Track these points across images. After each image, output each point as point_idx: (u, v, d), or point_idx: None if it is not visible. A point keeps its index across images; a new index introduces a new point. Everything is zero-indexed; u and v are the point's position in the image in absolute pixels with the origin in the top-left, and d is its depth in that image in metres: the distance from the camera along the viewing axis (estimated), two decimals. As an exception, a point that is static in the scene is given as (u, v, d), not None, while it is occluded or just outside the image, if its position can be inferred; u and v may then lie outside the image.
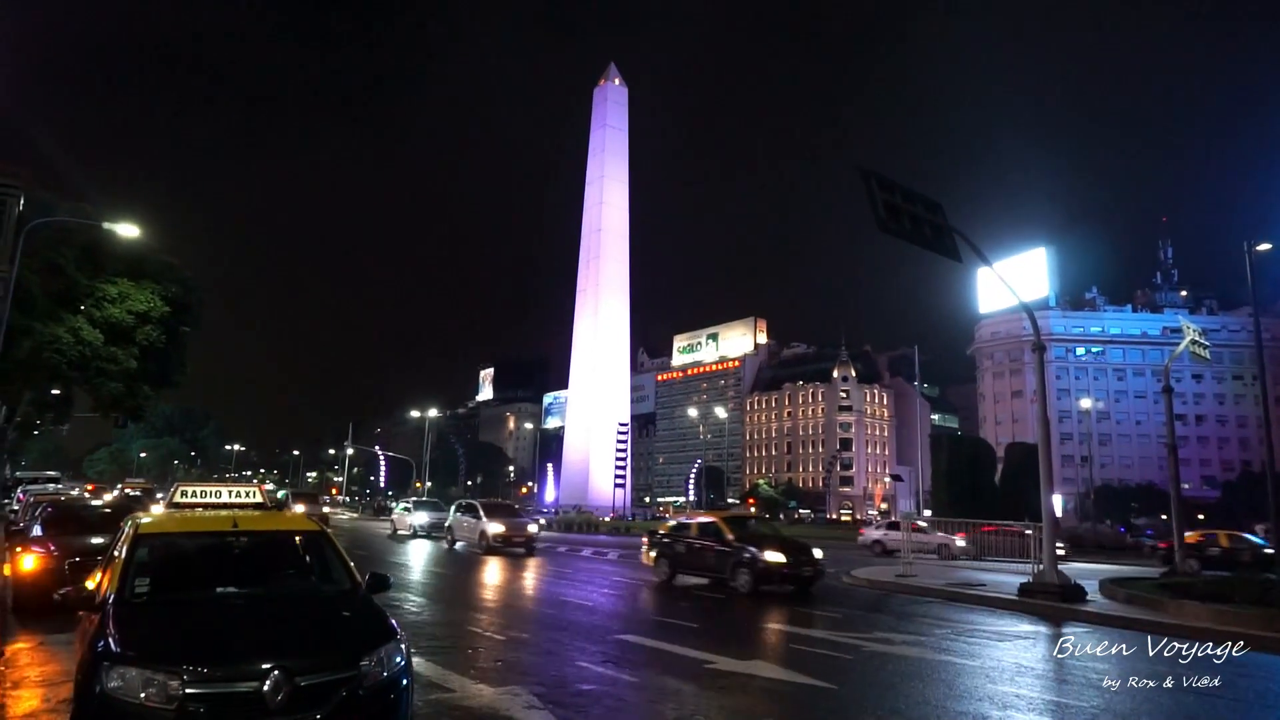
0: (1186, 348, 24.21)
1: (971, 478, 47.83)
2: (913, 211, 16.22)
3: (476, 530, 29.16)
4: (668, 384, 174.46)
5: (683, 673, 9.21)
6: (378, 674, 5.15)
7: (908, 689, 9.09)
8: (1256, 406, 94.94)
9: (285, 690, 4.70)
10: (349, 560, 6.68)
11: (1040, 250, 26.58)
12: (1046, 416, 18.21)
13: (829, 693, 8.57)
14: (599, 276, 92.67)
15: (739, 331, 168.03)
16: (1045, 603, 15.82)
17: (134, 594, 5.65)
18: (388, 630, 5.56)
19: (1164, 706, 8.58)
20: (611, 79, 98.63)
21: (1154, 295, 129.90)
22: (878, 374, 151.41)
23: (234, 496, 7.83)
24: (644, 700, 8.20)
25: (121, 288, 32.77)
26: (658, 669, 9.45)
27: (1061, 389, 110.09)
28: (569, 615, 14.33)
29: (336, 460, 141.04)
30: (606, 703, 7.91)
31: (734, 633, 12.57)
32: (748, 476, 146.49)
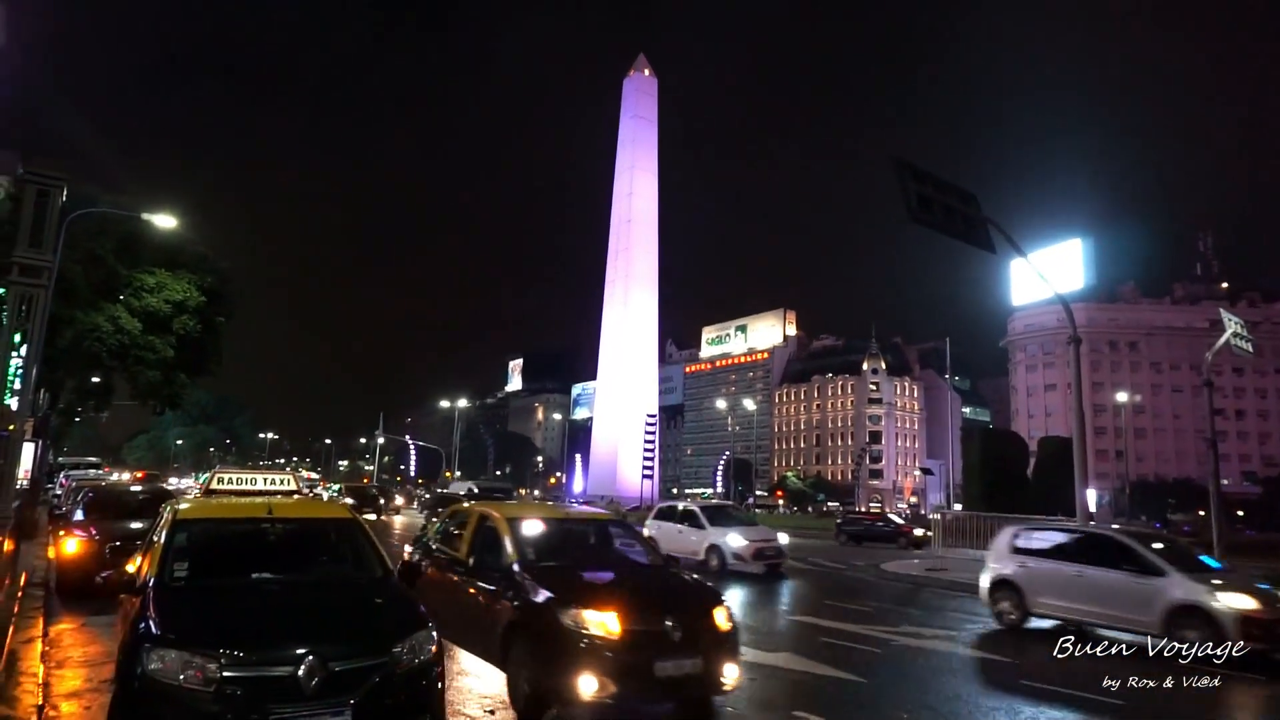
0: (1228, 339, 23.70)
1: (1003, 471, 47.13)
2: (945, 202, 16.03)
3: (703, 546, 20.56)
4: (696, 375, 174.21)
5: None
6: (409, 661, 5.22)
7: (938, 683, 9.04)
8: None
9: (319, 675, 4.78)
10: (381, 548, 6.77)
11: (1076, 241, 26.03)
12: (1081, 410, 17.95)
13: (858, 686, 8.55)
14: (628, 267, 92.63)
15: (768, 323, 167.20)
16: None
17: (173, 578, 5.76)
18: (419, 618, 5.63)
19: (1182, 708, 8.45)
20: (641, 70, 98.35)
21: (1193, 287, 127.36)
22: (908, 367, 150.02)
23: (269, 484, 7.95)
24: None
25: (159, 278, 33.31)
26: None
27: (1096, 382, 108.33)
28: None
29: (367, 449, 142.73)
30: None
31: (763, 624, 12.56)
32: (776, 469, 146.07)
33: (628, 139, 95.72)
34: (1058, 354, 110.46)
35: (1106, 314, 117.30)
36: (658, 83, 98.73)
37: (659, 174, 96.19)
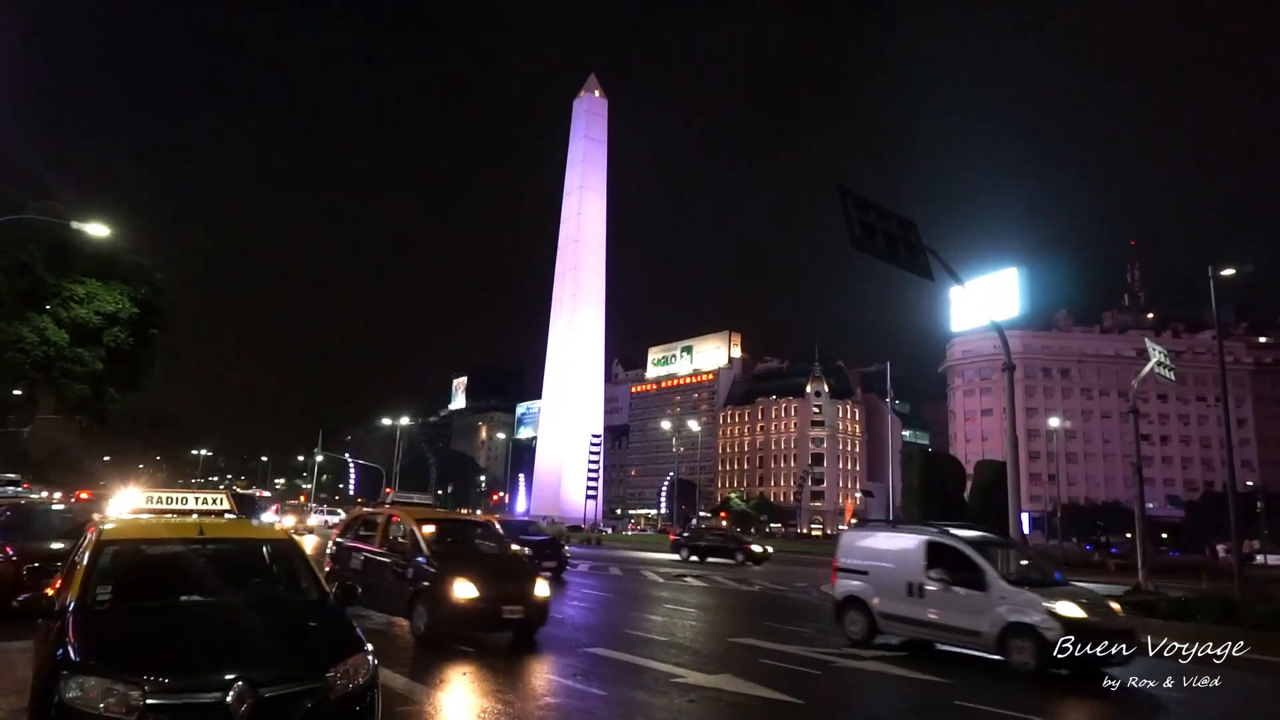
0: (1153, 369, 24.62)
1: (942, 494, 48.01)
2: (887, 230, 16.41)
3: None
4: (642, 396, 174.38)
5: (651, 686, 9.19)
6: (345, 685, 5.10)
7: (875, 705, 9.14)
8: (1219, 427, 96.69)
9: (249, 701, 4.64)
10: (317, 570, 6.62)
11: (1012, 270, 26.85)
12: (1015, 435, 18.44)
13: (797, 708, 8.60)
14: (575, 287, 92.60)
15: (713, 345, 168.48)
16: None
17: (95, 601, 5.55)
18: (356, 641, 5.51)
19: None
20: (592, 91, 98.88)
21: (1122, 316, 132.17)
22: (850, 390, 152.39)
23: (201, 503, 7.72)
24: (613, 715, 8.18)
25: (90, 288, 32.29)
26: (626, 683, 9.42)
27: (1031, 407, 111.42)
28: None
29: (305, 467, 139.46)
30: (575, 718, 7.88)
31: (703, 647, 12.56)
32: (720, 490, 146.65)
33: (577, 159, 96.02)
34: (995, 379, 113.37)
35: (1041, 341, 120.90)
36: (607, 104, 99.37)
37: (608, 195, 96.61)
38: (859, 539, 14.04)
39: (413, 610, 11.23)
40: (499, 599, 10.98)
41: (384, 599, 11.92)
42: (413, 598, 11.21)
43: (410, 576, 11.44)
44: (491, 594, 10.92)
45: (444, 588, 10.82)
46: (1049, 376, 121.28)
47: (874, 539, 13.74)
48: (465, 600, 10.77)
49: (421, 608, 11.03)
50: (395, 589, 11.63)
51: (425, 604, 10.97)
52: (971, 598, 11.37)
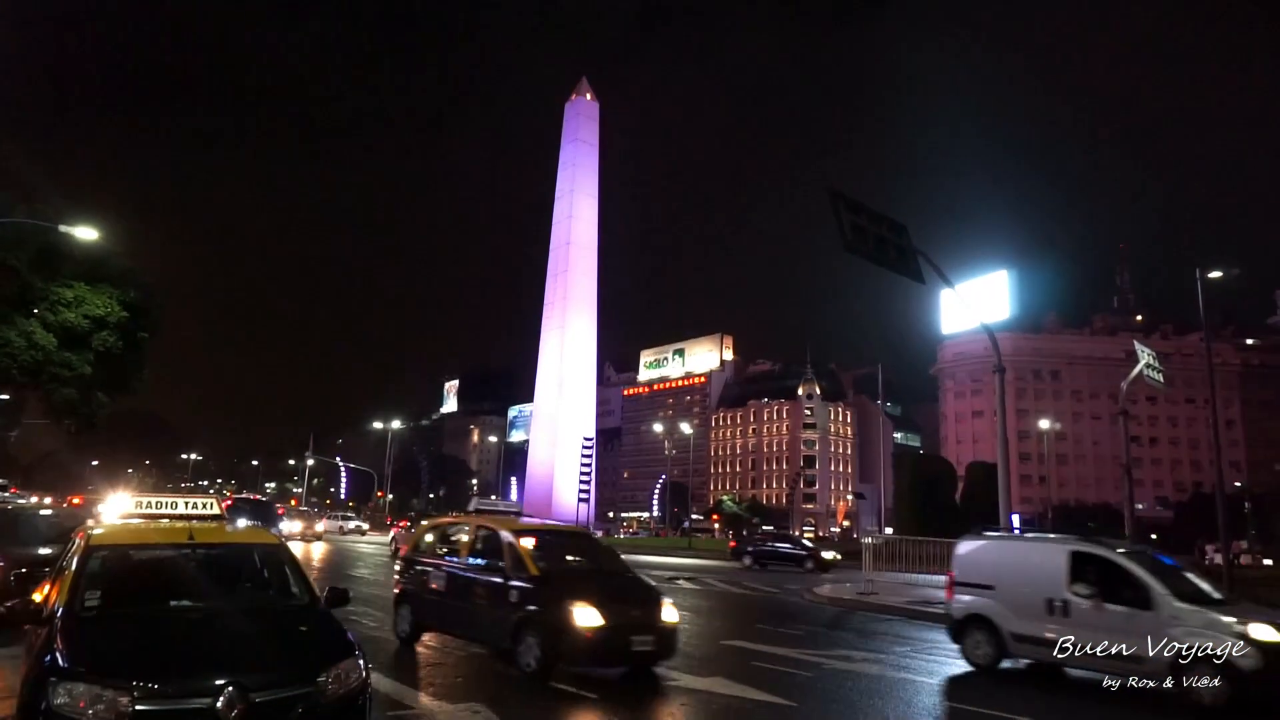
0: (1141, 371, 24.76)
1: (933, 496, 48.47)
2: (878, 233, 16.47)
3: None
4: (634, 399, 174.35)
5: (644, 689, 9.19)
6: (336, 690, 5.08)
7: (867, 706, 9.15)
8: (1208, 429, 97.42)
9: (239, 707, 4.61)
10: (307, 575, 6.59)
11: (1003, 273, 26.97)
12: (1006, 437, 18.52)
13: (789, 710, 8.60)
14: (567, 290, 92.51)
15: (706, 348, 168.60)
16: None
17: (84, 607, 5.51)
18: (346, 645, 5.50)
19: None
20: (583, 94, 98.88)
21: (1112, 319, 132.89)
22: (842, 392, 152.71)
23: (191, 508, 7.67)
24: (606, 717, 8.17)
25: (78, 291, 32.11)
26: (619, 685, 9.41)
27: (1021, 409, 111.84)
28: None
29: (296, 471, 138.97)
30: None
31: (696, 649, 12.56)
32: (712, 493, 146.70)
33: (568, 162, 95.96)
34: (985, 382, 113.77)
35: (1031, 344, 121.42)
36: (599, 107, 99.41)
37: (600, 198, 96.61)
38: (982, 549, 12.30)
39: (518, 641, 9.38)
40: (627, 627, 9.25)
41: (476, 627, 10.44)
42: (518, 626, 9.41)
43: (514, 600, 9.58)
44: (619, 621, 9.16)
45: (560, 614, 9.02)
46: (1039, 379, 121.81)
47: (1001, 549, 12.18)
48: (588, 629, 8.93)
49: (531, 638, 9.22)
50: (492, 615, 9.91)
51: (536, 633, 9.21)
52: (1134, 618, 9.72)
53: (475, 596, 10.30)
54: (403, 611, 11.55)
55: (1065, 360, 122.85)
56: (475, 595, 10.31)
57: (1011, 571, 11.39)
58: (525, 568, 9.72)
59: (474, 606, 10.27)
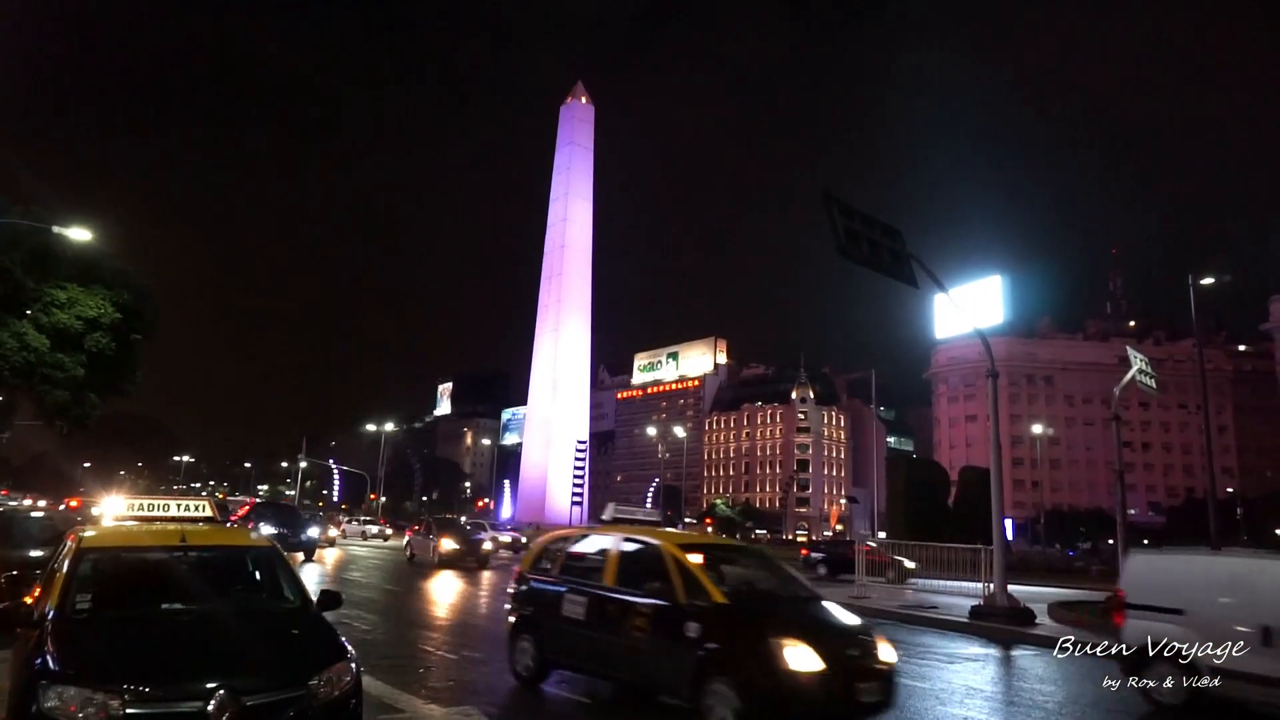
0: (1134, 377, 24.82)
1: (926, 500, 48.56)
2: (872, 238, 16.50)
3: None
4: (628, 402, 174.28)
5: (637, 699, 9.17)
6: (328, 694, 5.07)
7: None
8: (1200, 435, 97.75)
9: (231, 710, 4.60)
10: (300, 577, 6.58)
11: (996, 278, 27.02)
12: (999, 441, 18.56)
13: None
14: (561, 293, 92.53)
15: (699, 351, 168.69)
16: (995, 625, 16.05)
17: (75, 610, 5.50)
18: (338, 649, 5.49)
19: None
20: (579, 97, 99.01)
21: (1105, 324, 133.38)
22: (836, 396, 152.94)
23: (183, 510, 7.65)
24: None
25: (71, 293, 32.00)
26: (612, 689, 9.40)
27: (1014, 414, 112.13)
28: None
29: (289, 473, 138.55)
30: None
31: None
32: (706, 496, 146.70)
33: (563, 165, 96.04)
34: (978, 386, 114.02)
35: (1024, 348, 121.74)
36: (594, 110, 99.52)
37: (594, 201, 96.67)
38: (1164, 566, 10.71)
39: (701, 688, 7.25)
40: (850, 671, 7.21)
41: (635, 668, 8.14)
42: (700, 670, 7.32)
43: (692, 635, 7.33)
44: (839, 664, 7.14)
45: (764, 655, 6.94)
46: (1032, 383, 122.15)
47: (1195, 566, 10.26)
48: (805, 675, 6.92)
49: (722, 686, 7.08)
50: (659, 654, 7.72)
51: (730, 680, 7.10)
52: None
53: (632, 629, 7.95)
54: (522, 644, 9.30)
55: (1058, 365, 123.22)
56: (632, 627, 7.95)
57: (1211, 593, 9.49)
58: (705, 592, 7.59)
59: (630, 641, 7.95)
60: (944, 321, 31.59)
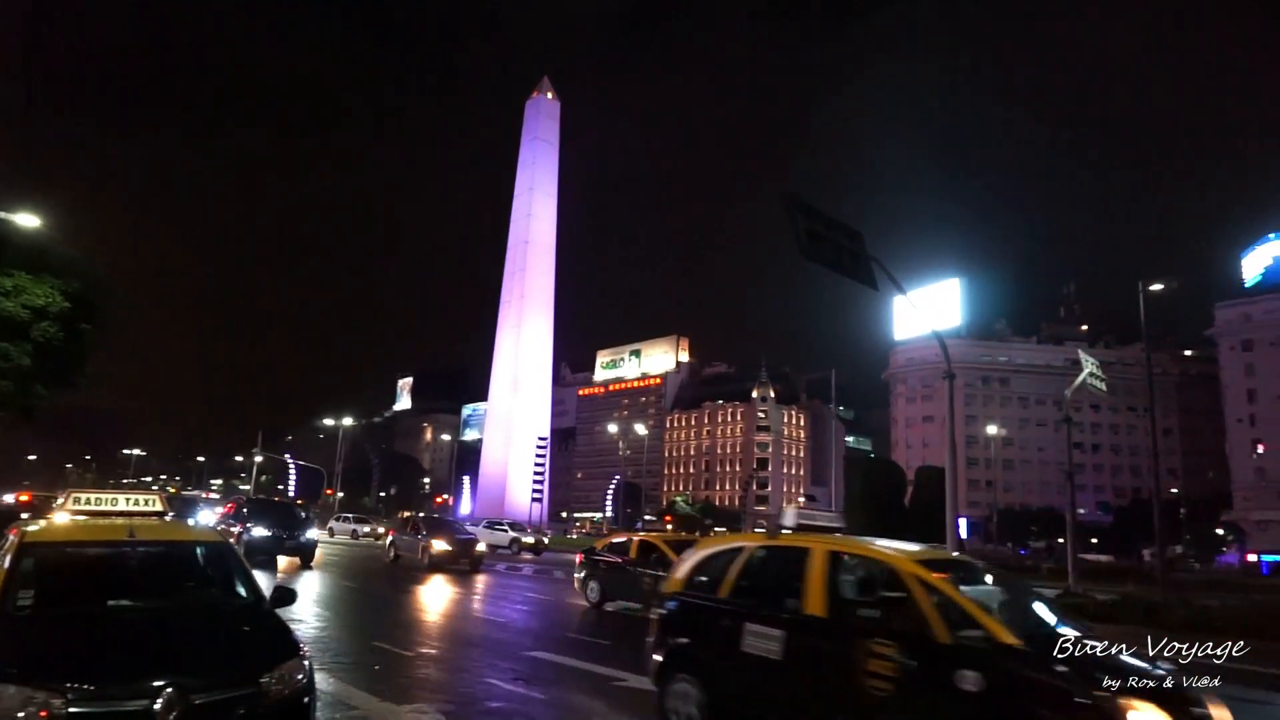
0: (1084, 380, 25.40)
1: (883, 499, 49.12)
2: (833, 239, 16.66)
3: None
4: (589, 399, 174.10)
5: (594, 690, 9.19)
6: (279, 691, 5.00)
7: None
8: (1147, 437, 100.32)
9: (178, 709, 4.51)
10: (252, 572, 6.48)
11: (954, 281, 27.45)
12: (954, 442, 18.88)
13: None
14: (524, 289, 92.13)
15: (662, 349, 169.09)
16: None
17: (16, 607, 5.36)
18: (291, 646, 5.42)
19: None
20: (545, 92, 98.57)
21: (1058, 328, 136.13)
22: (796, 396, 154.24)
23: (132, 504, 7.49)
24: (551, 718, 8.15)
25: (18, 280, 31.08)
26: (569, 686, 9.40)
27: (970, 415, 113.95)
28: (481, 631, 14.16)
29: (243, 468, 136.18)
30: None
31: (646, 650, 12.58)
32: (666, 493, 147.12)
33: (528, 161, 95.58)
34: (936, 387, 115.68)
35: (980, 350, 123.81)
36: (560, 107, 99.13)
37: (559, 198, 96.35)
38: None
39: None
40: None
41: None
42: None
43: (970, 689, 5.30)
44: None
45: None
46: (988, 385, 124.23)
47: None
48: None
49: None
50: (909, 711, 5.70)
51: None
52: None
53: (860, 675, 5.85)
54: (680, 687, 7.07)
55: (1013, 367, 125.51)
56: (860, 673, 5.86)
57: None
58: (980, 627, 5.53)
59: (856, 693, 5.87)
60: (903, 323, 31.96)
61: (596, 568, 17.95)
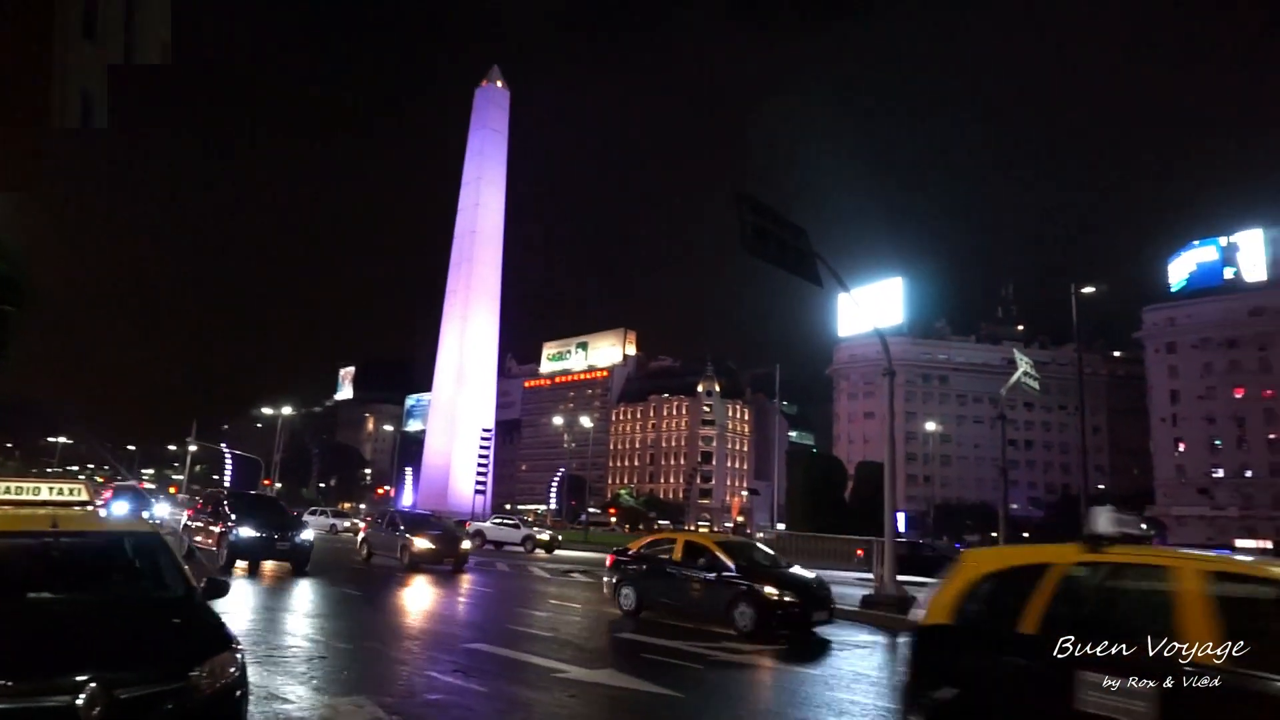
0: (1019, 379, 26.14)
1: (825, 493, 49.90)
2: (780, 236, 16.85)
3: None
4: (535, 391, 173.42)
5: (533, 682, 9.18)
6: (210, 685, 4.88)
7: (752, 697, 9.39)
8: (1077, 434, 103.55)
9: (102, 704, 4.37)
10: (184, 564, 6.31)
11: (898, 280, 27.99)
12: (894, 438, 19.25)
13: (676, 701, 8.74)
14: (470, 279, 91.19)
15: (609, 342, 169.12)
16: (884, 614, 16.67)
17: (-69, 601, 5.15)
18: (222, 639, 5.29)
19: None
20: (494, 81, 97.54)
21: (996, 328, 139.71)
22: (741, 390, 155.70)
23: (56, 494, 7.23)
24: (493, 710, 8.12)
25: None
26: (508, 678, 9.37)
27: (910, 411, 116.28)
28: (421, 624, 14.03)
29: (177, 457, 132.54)
30: (454, 713, 7.78)
31: (587, 642, 12.60)
32: (611, 486, 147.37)
33: (477, 150, 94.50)
34: (877, 384, 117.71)
35: (921, 348, 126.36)
36: (510, 96, 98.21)
37: (507, 188, 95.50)
38: None
39: None
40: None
41: None
42: None
43: None
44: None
45: None
46: (928, 382, 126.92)
47: None
48: None
49: None
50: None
51: None
52: None
53: None
54: None
55: (952, 365, 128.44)
56: None
57: None
58: None
59: None
60: (847, 320, 32.47)
61: (631, 572, 15.77)
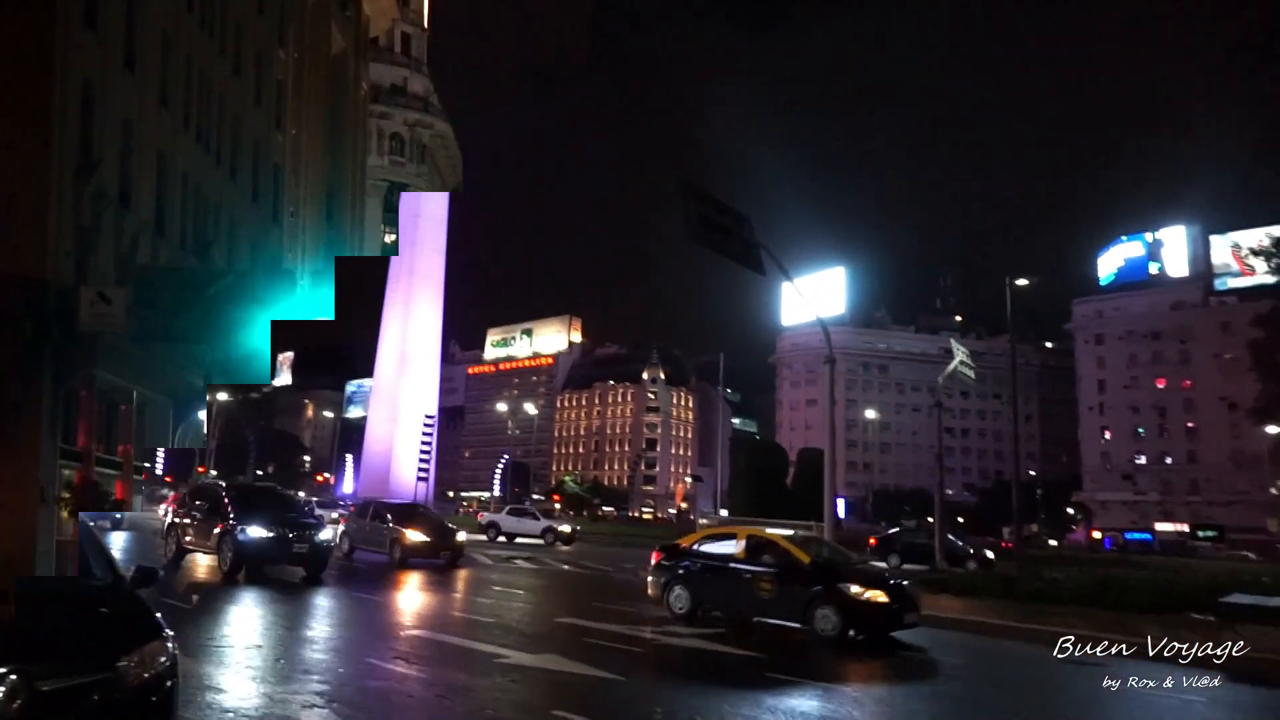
0: (955, 368, 26.78)
1: (767, 480, 50.69)
2: (724, 224, 16.93)
3: None
4: (479, 377, 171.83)
5: (474, 668, 9.17)
6: (139, 675, 4.77)
7: (691, 679, 9.51)
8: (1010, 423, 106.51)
9: (23, 697, 4.24)
10: (110, 553, 6.15)
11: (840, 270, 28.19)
12: (834, 425, 19.61)
13: (617, 684, 8.82)
14: (413, 264, 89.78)
15: (554, 329, 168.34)
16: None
17: None
18: (153, 627, 5.17)
19: (920, 691, 9.47)
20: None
21: (934, 318, 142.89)
22: (686, 378, 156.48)
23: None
24: (433, 696, 8.09)
25: None
26: (449, 664, 9.35)
27: (850, 399, 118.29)
28: (361, 612, 13.87)
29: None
30: (393, 700, 7.74)
31: (530, 627, 12.61)
32: (555, 472, 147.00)
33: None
34: (819, 372, 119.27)
35: (862, 338, 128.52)
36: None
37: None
38: None
39: None
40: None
41: None
42: None
43: None
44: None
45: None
46: (868, 371, 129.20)
47: None
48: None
49: None
50: None
51: None
52: None
53: None
54: None
55: (892, 354, 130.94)
56: None
57: None
58: None
59: None
60: (790, 309, 32.81)
61: (683, 570, 14.08)
